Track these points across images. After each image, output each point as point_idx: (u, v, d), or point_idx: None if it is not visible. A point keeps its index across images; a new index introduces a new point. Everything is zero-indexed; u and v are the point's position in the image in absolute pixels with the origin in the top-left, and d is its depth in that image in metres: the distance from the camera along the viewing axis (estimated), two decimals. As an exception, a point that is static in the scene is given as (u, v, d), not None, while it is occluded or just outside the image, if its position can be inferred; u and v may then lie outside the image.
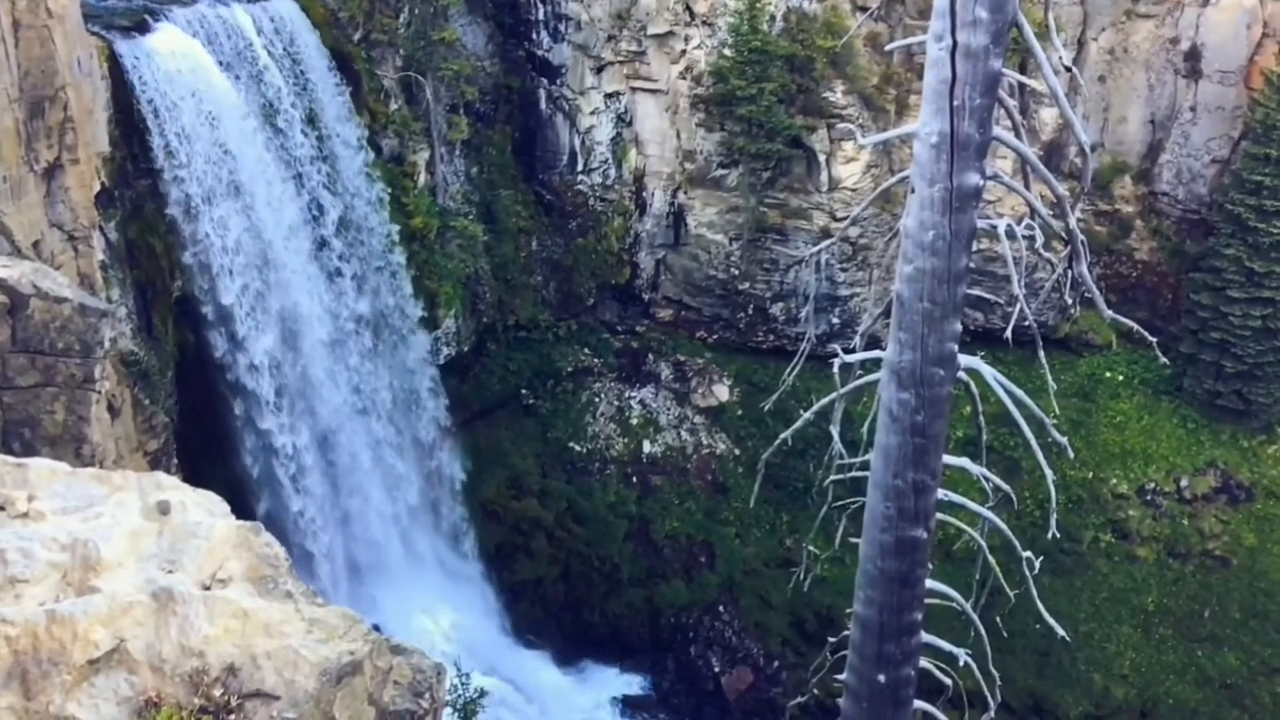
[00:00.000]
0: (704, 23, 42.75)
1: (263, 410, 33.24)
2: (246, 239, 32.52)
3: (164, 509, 9.26)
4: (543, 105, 45.25)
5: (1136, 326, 14.84)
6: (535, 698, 39.91)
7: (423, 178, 40.98)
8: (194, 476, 22.86)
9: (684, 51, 43.35)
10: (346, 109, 36.55)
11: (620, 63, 44.11)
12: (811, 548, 19.66)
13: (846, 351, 15.10)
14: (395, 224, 38.69)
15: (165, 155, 29.56)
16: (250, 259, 32.73)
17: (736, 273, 45.77)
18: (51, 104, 24.95)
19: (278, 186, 33.82)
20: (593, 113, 45.05)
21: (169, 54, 29.27)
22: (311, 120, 34.90)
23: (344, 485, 37.67)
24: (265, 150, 33.31)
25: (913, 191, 12.61)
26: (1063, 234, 13.35)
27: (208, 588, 8.75)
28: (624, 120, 45.14)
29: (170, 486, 9.73)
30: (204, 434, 32.19)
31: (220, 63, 31.03)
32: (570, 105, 45.07)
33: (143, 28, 29.43)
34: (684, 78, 43.61)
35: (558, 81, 44.89)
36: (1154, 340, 15.35)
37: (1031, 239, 13.88)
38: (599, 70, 44.45)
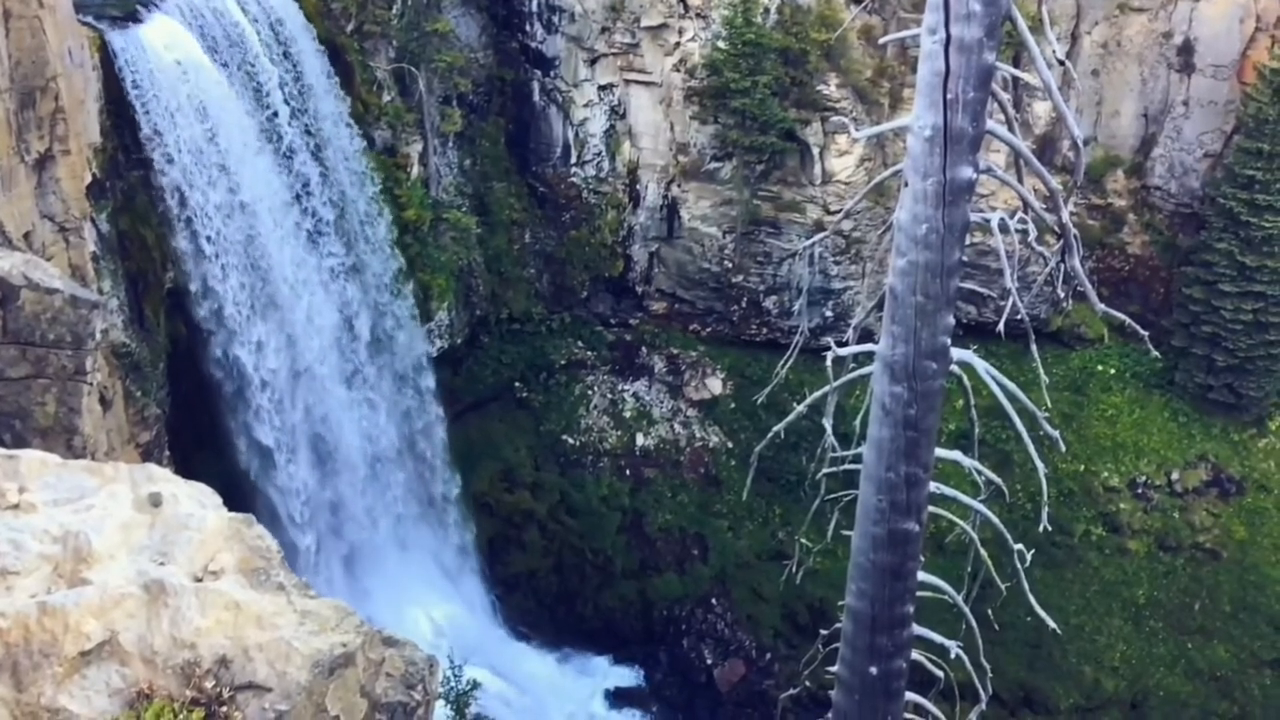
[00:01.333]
0: (698, 15, 42.67)
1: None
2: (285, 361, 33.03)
3: (155, 501, 9.25)
4: (536, 97, 45.15)
5: (1128, 320, 14.91)
6: (527, 690, 39.96)
7: (415, 170, 40.88)
8: (186, 468, 22.84)
9: (678, 44, 43.28)
10: (376, 205, 36.94)
11: (614, 55, 44.01)
12: (804, 540, 19.74)
13: (839, 345, 15.12)
14: (426, 345, 39.46)
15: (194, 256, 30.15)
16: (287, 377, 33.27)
17: (730, 266, 45.76)
18: (42, 94, 24.84)
19: (319, 294, 34.37)
20: (586, 105, 44.96)
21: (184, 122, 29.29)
22: (341, 216, 35.37)
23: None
24: (304, 254, 33.97)
25: (906, 185, 12.62)
26: (1055, 228, 13.38)
27: (199, 580, 8.74)
28: (617, 113, 45.06)
29: (162, 478, 9.72)
30: (196, 426, 32.14)
31: (226, 76, 30.96)
32: (564, 97, 44.98)
33: (135, 18, 29.24)
34: (678, 70, 43.54)
35: (551, 73, 44.79)
36: (1146, 334, 15.41)
37: (1024, 232, 13.92)
38: (592, 62, 44.35)
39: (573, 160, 45.83)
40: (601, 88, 44.70)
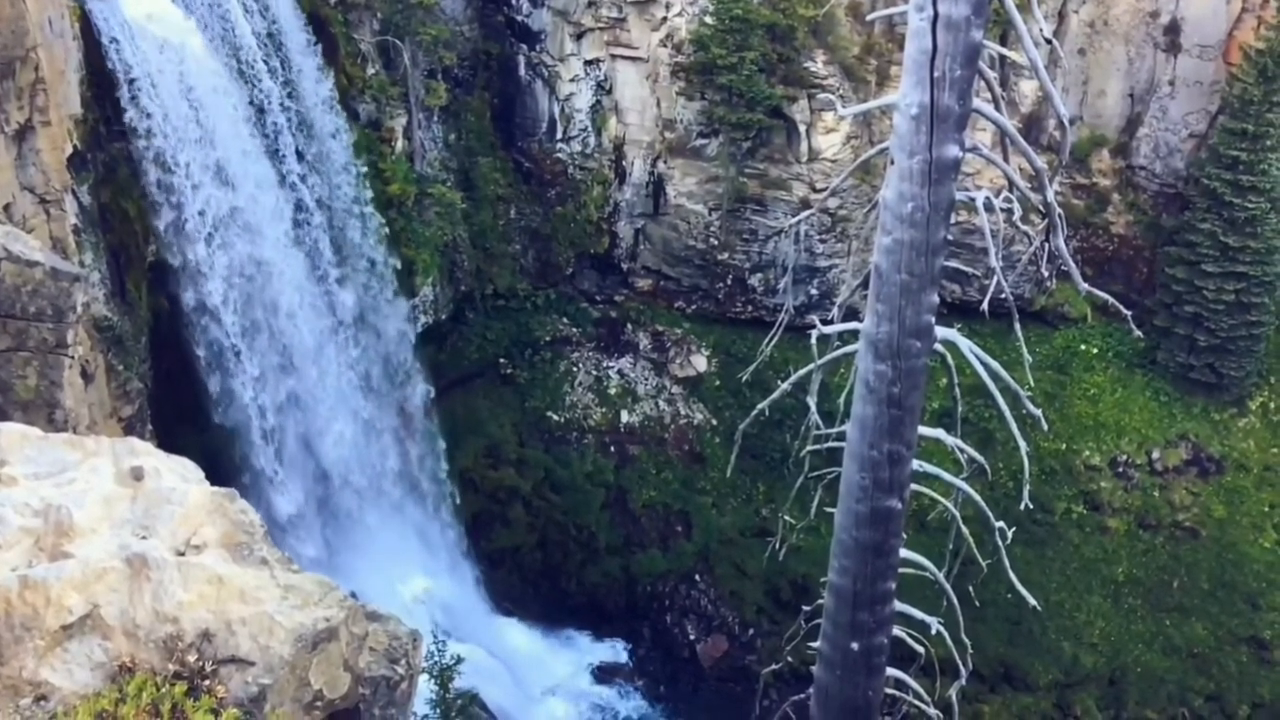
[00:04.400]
0: (685, -10, 42.43)
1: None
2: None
3: (137, 475, 9.21)
4: (522, 72, 44.87)
5: (1112, 300, 14.97)
6: (511, 665, 40.10)
7: (400, 144, 40.61)
8: (168, 443, 22.73)
9: (665, 19, 43.03)
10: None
11: (600, 29, 43.75)
12: (787, 517, 19.83)
13: (824, 323, 15.14)
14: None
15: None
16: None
17: (716, 243, 45.71)
18: (22, 65, 24.56)
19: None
20: (572, 80, 44.71)
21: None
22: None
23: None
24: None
25: (892, 163, 12.61)
26: (1040, 207, 13.40)
27: (182, 554, 8.73)
28: (604, 88, 44.82)
29: (144, 452, 9.68)
30: (178, 400, 31.99)
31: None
32: (549, 72, 44.71)
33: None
34: (664, 45, 43.32)
35: (537, 48, 44.50)
36: (1129, 313, 15.49)
37: (1009, 211, 13.94)
38: (579, 37, 44.08)
39: (558, 135, 45.61)
40: (588, 62, 44.44)
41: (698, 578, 43.66)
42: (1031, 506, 18.27)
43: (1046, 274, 14.26)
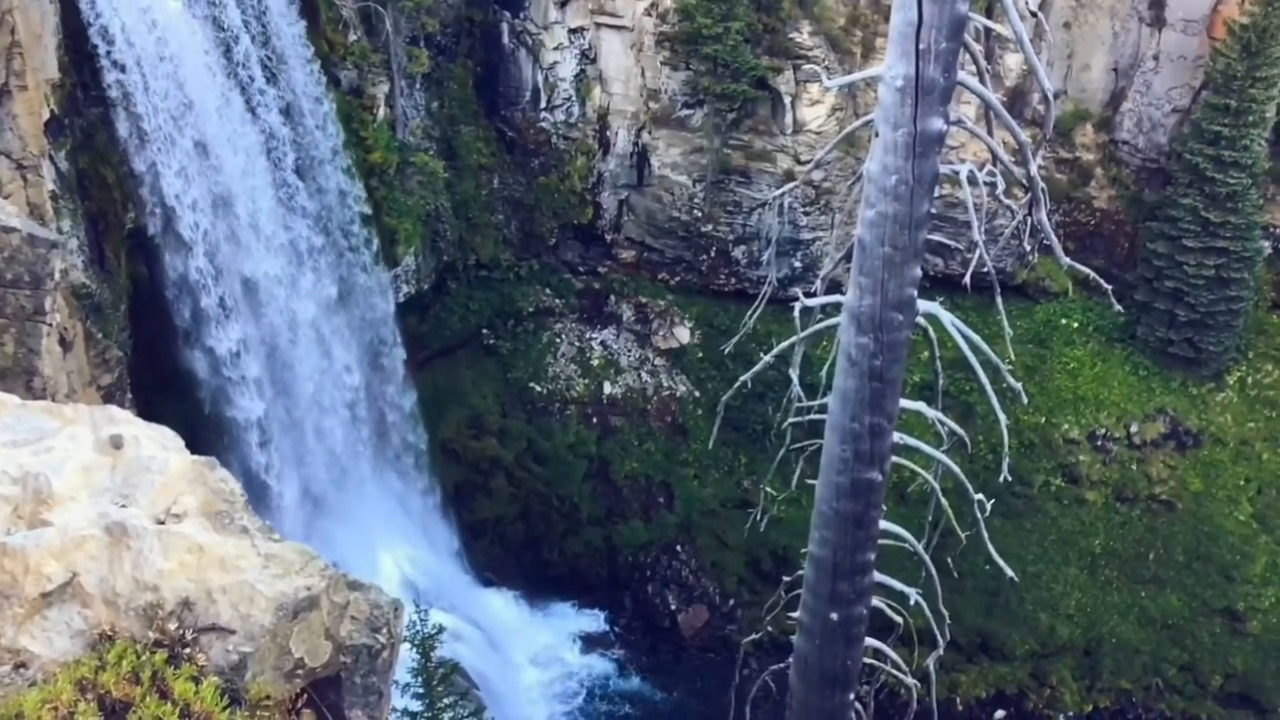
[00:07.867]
0: (670, -41, 42.10)
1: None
2: None
3: (117, 443, 9.17)
4: (505, 39, 44.49)
5: (1093, 274, 15.02)
6: (493, 635, 40.27)
7: (382, 111, 40.24)
8: (148, 411, 22.62)
9: (650, -13, 42.73)
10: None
11: (585, -3, 43.41)
12: (769, 489, 19.93)
13: (807, 295, 15.14)
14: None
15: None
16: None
17: (699, 215, 45.61)
18: (-3, 28, 24.21)
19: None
20: (556, 48, 44.36)
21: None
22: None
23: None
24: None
25: (876, 135, 12.59)
26: (1023, 181, 13.40)
27: (162, 522, 8.70)
28: (588, 57, 44.50)
29: (123, 420, 9.63)
30: (158, 368, 31.81)
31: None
32: (533, 40, 44.35)
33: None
34: (649, 14, 43.01)
35: (521, 15, 44.11)
36: (1109, 288, 15.55)
37: (993, 185, 13.93)
38: (563, 4, 43.69)
39: (542, 105, 45.30)
40: (572, 31, 44.09)
41: (679, 548, 43.87)
42: (1010, 479, 18.38)
43: (1028, 248, 14.29)
